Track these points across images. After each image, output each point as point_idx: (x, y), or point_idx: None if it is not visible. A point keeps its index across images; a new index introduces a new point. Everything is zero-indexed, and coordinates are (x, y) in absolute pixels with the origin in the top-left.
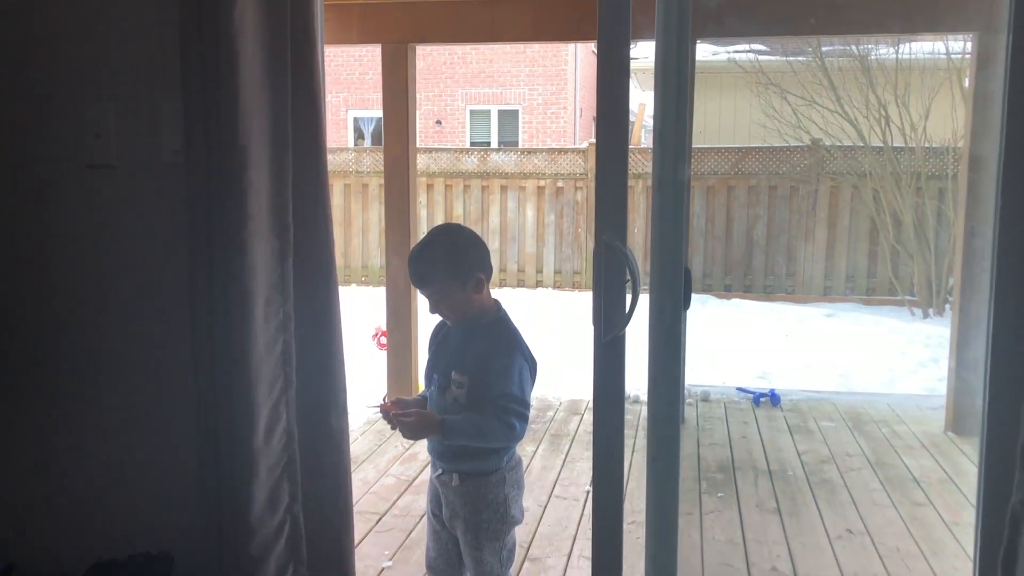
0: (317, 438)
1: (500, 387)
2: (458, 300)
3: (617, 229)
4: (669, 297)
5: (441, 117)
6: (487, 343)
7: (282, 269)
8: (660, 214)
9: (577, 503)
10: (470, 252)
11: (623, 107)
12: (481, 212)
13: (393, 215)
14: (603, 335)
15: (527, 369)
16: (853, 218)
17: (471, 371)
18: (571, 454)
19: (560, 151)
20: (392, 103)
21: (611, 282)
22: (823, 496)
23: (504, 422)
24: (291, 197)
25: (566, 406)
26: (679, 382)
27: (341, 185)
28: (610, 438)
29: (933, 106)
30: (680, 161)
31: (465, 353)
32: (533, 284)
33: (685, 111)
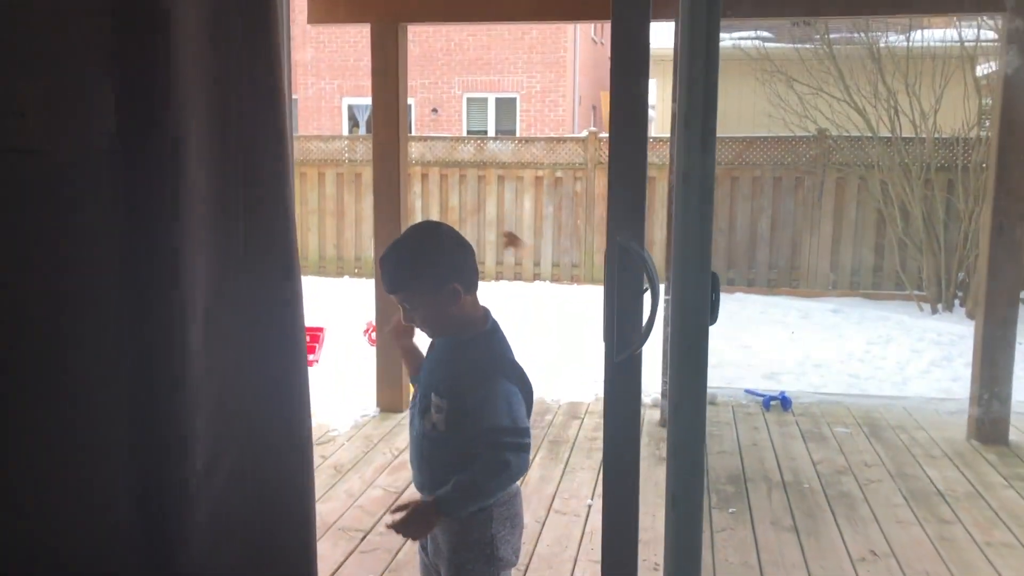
0: (271, 474)
1: (487, 420)
2: (432, 311)
3: (634, 229)
4: (693, 307)
5: (437, 105)
6: (466, 364)
7: (229, 277)
8: (684, 210)
9: (578, 519)
10: (445, 256)
11: (641, 87)
12: (477, 203)
13: (383, 206)
14: (615, 354)
15: (516, 393)
16: (860, 210)
17: (449, 395)
18: (571, 463)
19: (559, 140)
20: (381, 88)
21: (626, 291)
22: (842, 512)
23: (499, 461)
24: (243, 197)
25: (565, 409)
26: (704, 410)
27: (333, 174)
28: (623, 483)
29: (944, 95)
30: (708, 149)
31: (443, 374)
32: (530, 278)
33: (714, 93)
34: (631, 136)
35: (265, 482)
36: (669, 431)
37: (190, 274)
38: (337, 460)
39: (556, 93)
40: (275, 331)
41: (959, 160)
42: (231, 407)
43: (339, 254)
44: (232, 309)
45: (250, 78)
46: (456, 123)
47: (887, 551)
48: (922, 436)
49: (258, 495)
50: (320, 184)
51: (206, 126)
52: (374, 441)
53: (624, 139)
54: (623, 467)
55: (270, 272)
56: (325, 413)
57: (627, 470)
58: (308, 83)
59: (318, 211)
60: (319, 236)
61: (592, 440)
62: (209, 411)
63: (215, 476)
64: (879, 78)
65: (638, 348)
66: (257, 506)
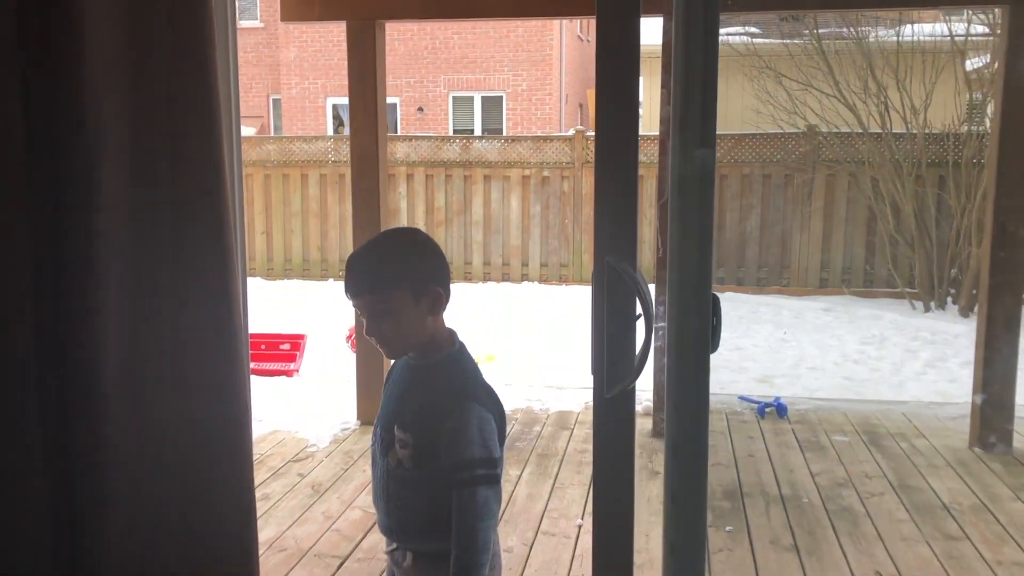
0: (204, 487)
1: (460, 452)
2: (407, 319)
3: (624, 248)
4: (692, 335)
5: (423, 104)
6: (434, 393)
7: (157, 277)
8: (680, 223)
9: (568, 541)
10: (427, 260)
11: (631, 85)
12: (464, 203)
13: (361, 211)
14: (605, 389)
15: (489, 420)
16: (850, 207)
17: (416, 427)
18: (560, 478)
19: (546, 139)
20: (359, 88)
21: (617, 318)
22: (844, 529)
23: (479, 498)
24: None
25: (554, 419)
26: (706, 453)
27: (317, 175)
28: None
29: (934, 90)
30: (706, 153)
31: (408, 403)
32: (518, 278)
33: (713, 91)
34: (620, 147)
35: (195, 498)
36: (668, 473)
37: (106, 278)
38: (315, 478)
39: (542, 91)
40: (209, 332)
41: (950, 156)
42: (157, 414)
43: (323, 256)
44: (159, 313)
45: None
46: (442, 122)
47: (893, 572)
48: (923, 444)
49: (194, 510)
50: (303, 185)
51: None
52: (354, 457)
53: (612, 149)
54: (616, 511)
55: (202, 274)
56: (304, 427)
57: (620, 513)
58: (292, 83)
59: (301, 213)
60: (303, 238)
61: (582, 453)
62: (128, 417)
63: (137, 488)
64: (869, 73)
65: (631, 383)
66: (190, 518)
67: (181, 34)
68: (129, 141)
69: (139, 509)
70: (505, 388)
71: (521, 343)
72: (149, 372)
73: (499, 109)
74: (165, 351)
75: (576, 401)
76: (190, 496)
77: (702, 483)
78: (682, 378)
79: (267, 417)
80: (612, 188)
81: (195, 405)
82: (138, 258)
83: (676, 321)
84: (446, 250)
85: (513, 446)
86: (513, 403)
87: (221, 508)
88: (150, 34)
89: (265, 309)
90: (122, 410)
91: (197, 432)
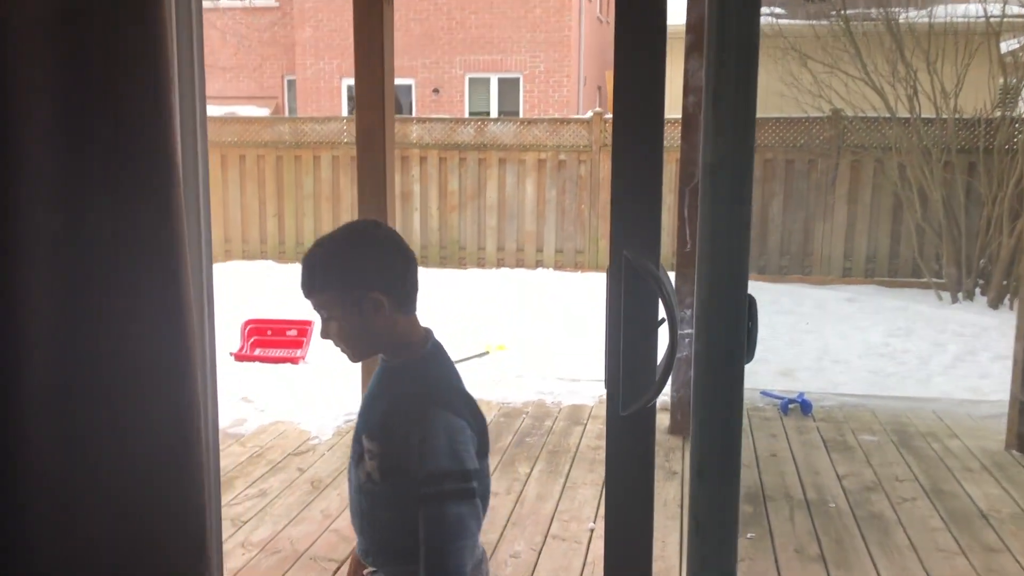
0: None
1: (426, 466)
2: (350, 325)
3: (646, 242)
4: (725, 342)
5: (438, 85)
6: (399, 399)
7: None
8: (712, 214)
9: (579, 546)
10: (372, 261)
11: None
12: (478, 187)
13: (366, 196)
14: (622, 405)
15: (462, 429)
16: (875, 194)
17: (381, 436)
18: (572, 477)
19: (562, 121)
20: (365, 65)
21: (636, 323)
22: (874, 537)
23: (447, 516)
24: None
25: (566, 413)
26: (737, 478)
27: (329, 157)
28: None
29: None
30: (744, 134)
31: (375, 410)
32: (532, 264)
33: (754, 64)
34: (643, 127)
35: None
36: (692, 499)
37: (29, 272)
38: (315, 474)
39: (560, 73)
40: (154, 332)
41: (981, 142)
42: (88, 420)
43: None
44: (94, 310)
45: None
46: (458, 104)
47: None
48: (956, 445)
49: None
50: (316, 167)
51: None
52: None
53: (632, 131)
54: (630, 553)
55: (148, 269)
56: (307, 418)
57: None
58: (307, 63)
59: (313, 195)
60: (315, 221)
61: (595, 450)
62: (54, 424)
63: (62, 507)
64: (898, 56)
65: (652, 399)
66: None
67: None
68: (56, 117)
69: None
70: (516, 380)
71: (534, 331)
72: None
73: (516, 91)
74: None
75: (590, 394)
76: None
77: (731, 512)
78: (711, 392)
79: (270, 406)
80: (632, 172)
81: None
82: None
83: (705, 326)
84: (459, 235)
85: (523, 442)
86: (524, 396)
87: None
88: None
89: (275, 294)
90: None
91: (138, 445)
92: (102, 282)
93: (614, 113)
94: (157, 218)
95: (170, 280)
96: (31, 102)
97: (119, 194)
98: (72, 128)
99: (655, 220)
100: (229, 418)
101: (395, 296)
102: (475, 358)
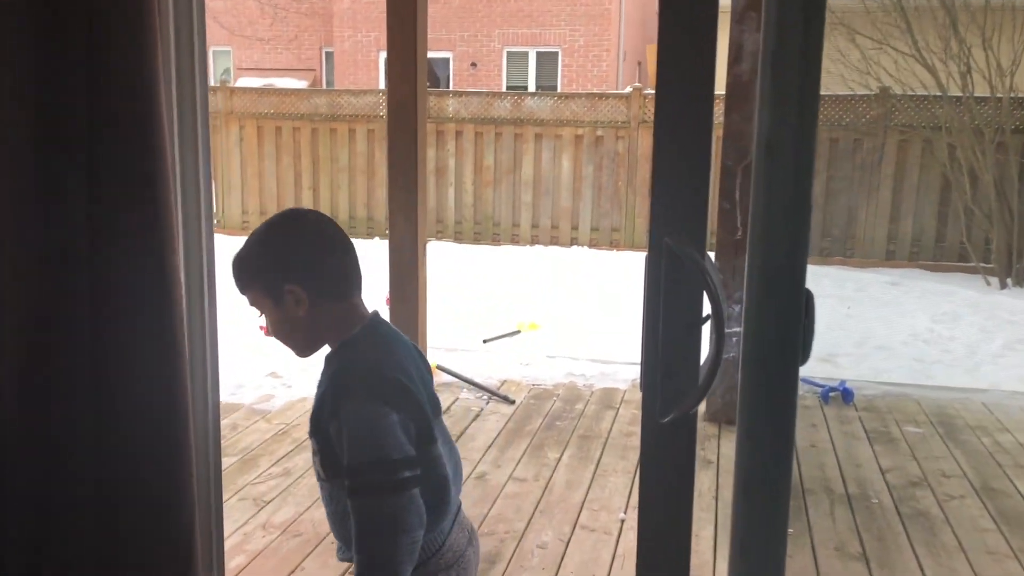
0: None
1: (348, 457)
2: (280, 321)
3: (690, 227)
4: (778, 343)
5: (476, 59)
6: (323, 388)
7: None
8: (766, 199)
9: (609, 538)
10: (284, 253)
11: (708, 13)
12: (513, 162)
13: (397, 169)
14: (659, 411)
15: (386, 415)
16: (923, 175)
17: (314, 433)
18: (603, 464)
19: (601, 96)
20: (397, 36)
21: (677, 318)
22: (920, 537)
23: (372, 511)
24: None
25: (598, 397)
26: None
27: (365, 130)
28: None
29: None
30: (807, 109)
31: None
32: (567, 242)
33: (820, 27)
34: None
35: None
36: (736, 517)
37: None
38: None
39: (600, 47)
40: (141, 326)
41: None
42: (67, 417)
43: (369, 214)
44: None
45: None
46: (496, 78)
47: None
48: (1007, 440)
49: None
50: (351, 140)
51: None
52: None
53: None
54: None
55: (132, 258)
56: None
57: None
58: (345, 36)
59: (349, 169)
60: (349, 195)
61: (628, 436)
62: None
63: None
64: (952, 32)
65: (694, 405)
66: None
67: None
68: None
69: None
70: (547, 360)
71: (567, 309)
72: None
73: (554, 65)
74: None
75: (623, 377)
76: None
77: (780, 534)
78: (760, 398)
79: (297, 382)
80: (677, 147)
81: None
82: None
83: (756, 324)
84: (493, 211)
85: (553, 425)
86: (555, 377)
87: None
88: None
89: None
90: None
91: (120, 441)
92: (75, 266)
93: (658, 81)
94: (137, 195)
95: (155, 266)
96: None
97: (94, 174)
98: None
99: (702, 203)
100: (256, 394)
101: (315, 286)
102: (506, 337)
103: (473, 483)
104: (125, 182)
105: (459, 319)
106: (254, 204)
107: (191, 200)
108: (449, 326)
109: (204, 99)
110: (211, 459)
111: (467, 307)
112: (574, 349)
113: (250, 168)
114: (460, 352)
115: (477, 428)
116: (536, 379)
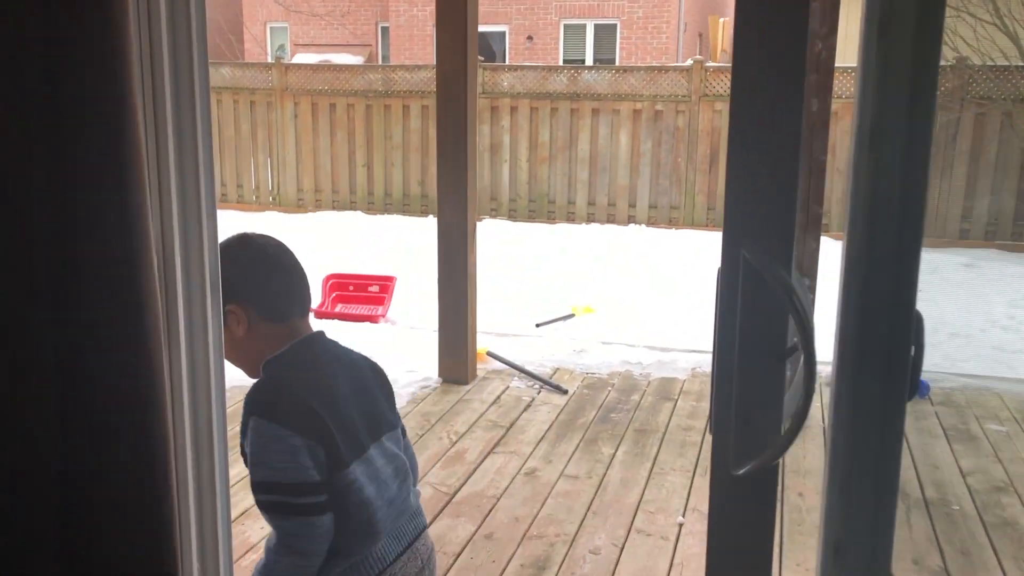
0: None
1: (251, 478)
2: (225, 342)
3: (774, 239)
4: (878, 374)
5: (532, 32)
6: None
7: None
8: (872, 190)
9: (666, 543)
10: (229, 272)
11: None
12: (569, 138)
13: (447, 146)
14: (733, 462)
15: (281, 438)
16: (1001, 150)
17: (242, 449)
18: (660, 461)
19: (660, 70)
20: (447, 7)
21: (756, 347)
22: (1007, 550)
23: (275, 527)
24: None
25: (655, 387)
26: (888, 562)
27: (419, 107)
28: None
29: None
30: (926, 85)
31: None
32: (624, 220)
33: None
34: (775, 85)
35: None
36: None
37: None
38: None
39: (659, 19)
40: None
41: None
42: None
43: (423, 192)
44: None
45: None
46: (552, 51)
47: None
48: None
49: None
50: (405, 117)
51: None
52: (431, 421)
53: (759, 90)
54: None
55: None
56: None
57: None
58: (400, 10)
59: (403, 146)
60: (403, 172)
61: (686, 431)
62: None
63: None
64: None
65: (777, 457)
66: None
67: None
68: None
69: None
70: (602, 347)
71: (623, 290)
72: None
73: (612, 38)
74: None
75: (681, 366)
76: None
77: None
78: (857, 445)
79: None
80: (758, 144)
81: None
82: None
83: (850, 350)
84: (548, 188)
85: (607, 418)
86: (610, 366)
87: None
88: None
89: (360, 248)
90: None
91: (85, 430)
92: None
93: (734, 66)
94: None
95: (120, 237)
96: None
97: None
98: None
99: (789, 211)
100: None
101: (255, 307)
102: (560, 320)
103: (522, 480)
104: (88, 156)
105: (511, 300)
106: (309, 182)
107: (189, 182)
108: (500, 308)
109: (204, 75)
110: (216, 458)
111: (520, 288)
112: (630, 334)
113: (305, 145)
114: (511, 337)
115: (528, 419)
116: (590, 367)
